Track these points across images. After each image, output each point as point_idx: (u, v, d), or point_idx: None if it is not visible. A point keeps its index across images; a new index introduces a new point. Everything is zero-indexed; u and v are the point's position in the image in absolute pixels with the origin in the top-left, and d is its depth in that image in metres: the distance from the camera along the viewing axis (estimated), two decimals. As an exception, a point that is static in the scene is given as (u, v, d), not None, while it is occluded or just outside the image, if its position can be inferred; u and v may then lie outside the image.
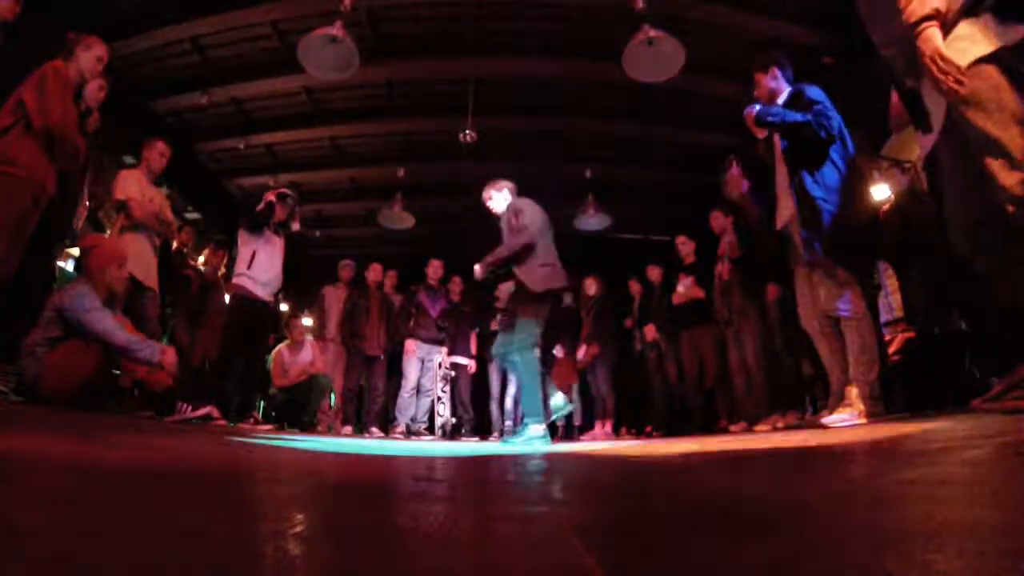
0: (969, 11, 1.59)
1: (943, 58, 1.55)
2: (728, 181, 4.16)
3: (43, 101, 2.65)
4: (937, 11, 1.58)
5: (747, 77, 3.19)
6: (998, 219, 1.55)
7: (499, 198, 3.81)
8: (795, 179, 2.81)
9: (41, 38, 3.05)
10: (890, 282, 4.28)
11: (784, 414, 3.83)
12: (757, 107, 2.93)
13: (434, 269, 6.04)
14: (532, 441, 3.17)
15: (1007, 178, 1.52)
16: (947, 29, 1.62)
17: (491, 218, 3.94)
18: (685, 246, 5.23)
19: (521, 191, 4.01)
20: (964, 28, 1.60)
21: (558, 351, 5.72)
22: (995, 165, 1.53)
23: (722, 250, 4.62)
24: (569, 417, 6.10)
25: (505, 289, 6.42)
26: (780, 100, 3.00)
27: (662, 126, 6.32)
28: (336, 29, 3.94)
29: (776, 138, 3.04)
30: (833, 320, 2.87)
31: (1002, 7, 1.56)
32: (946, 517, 0.58)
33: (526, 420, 3.30)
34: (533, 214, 3.65)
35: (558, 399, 3.44)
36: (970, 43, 1.57)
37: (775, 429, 3.66)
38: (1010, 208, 1.52)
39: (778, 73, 3.05)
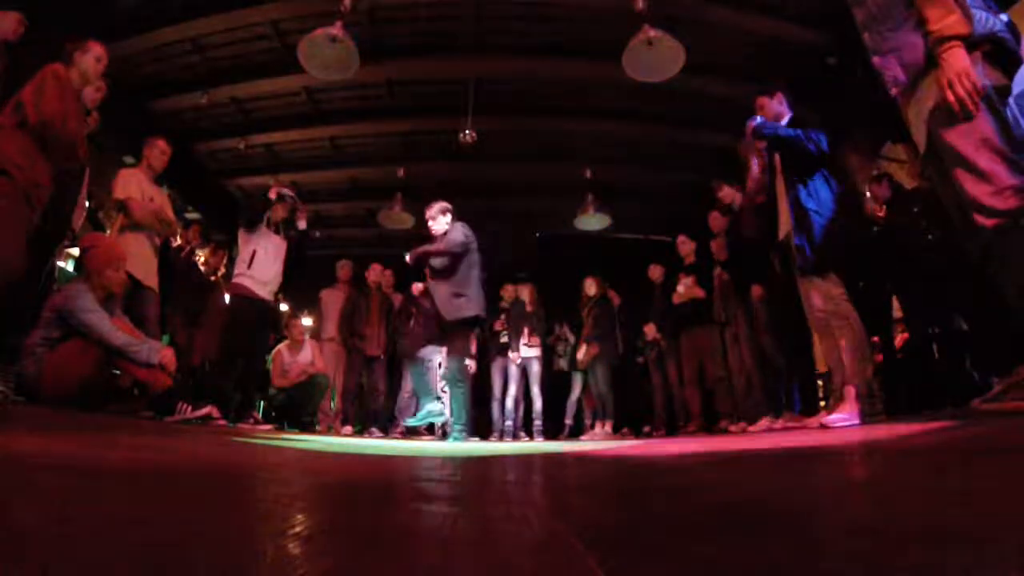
0: (968, 48, 1.73)
1: (970, 77, 1.66)
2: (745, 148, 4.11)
3: (40, 98, 2.65)
4: (969, 34, 1.69)
5: (747, 77, 3.24)
6: (972, 228, 1.72)
7: (442, 221, 4.17)
8: (790, 192, 3.01)
9: (43, 40, 3.06)
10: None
11: (778, 414, 3.84)
12: (757, 119, 3.14)
13: (434, 270, 6.04)
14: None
15: (975, 189, 1.67)
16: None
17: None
18: (685, 246, 5.23)
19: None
20: None
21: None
22: (965, 179, 1.70)
23: (714, 252, 4.66)
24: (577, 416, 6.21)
25: (511, 290, 6.44)
26: (785, 121, 3.17)
27: (662, 126, 6.32)
28: (336, 29, 3.94)
29: (778, 155, 3.20)
30: (830, 321, 2.92)
31: (993, 54, 1.77)
32: (945, 517, 0.58)
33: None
34: (468, 241, 4.06)
35: (434, 406, 3.98)
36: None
37: (771, 429, 3.66)
38: (978, 218, 1.67)
39: (783, 98, 3.24)
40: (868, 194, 3.90)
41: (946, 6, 1.69)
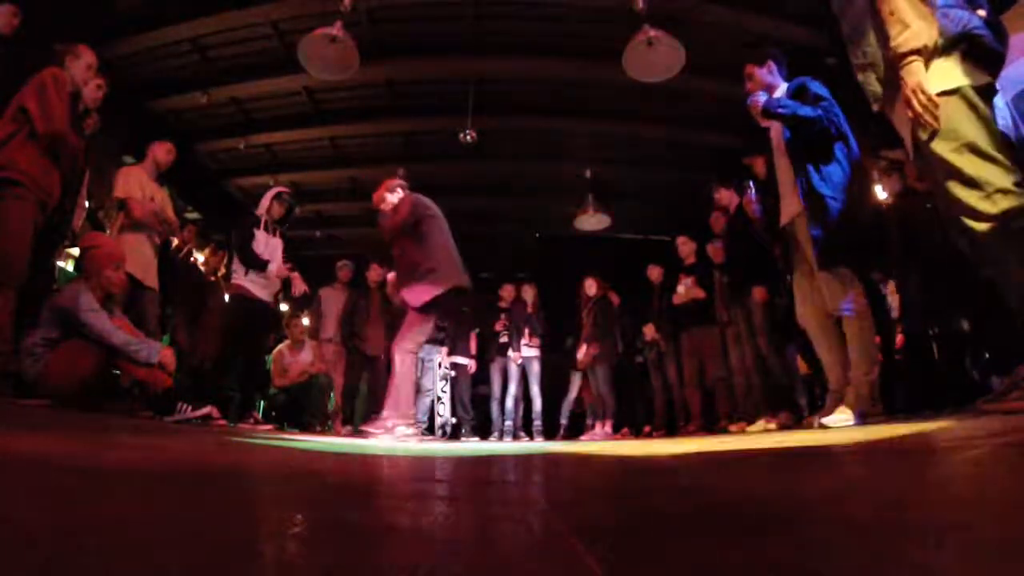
0: (943, 51, 1.76)
1: (924, 92, 1.68)
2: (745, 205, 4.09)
3: (45, 106, 2.67)
4: (925, 47, 1.70)
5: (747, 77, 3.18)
6: (965, 233, 1.71)
7: (392, 199, 3.79)
8: (801, 176, 2.78)
9: (42, 40, 3.07)
10: (891, 282, 4.29)
11: (776, 415, 3.84)
12: (763, 96, 2.90)
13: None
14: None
15: (965, 196, 1.67)
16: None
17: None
18: (686, 246, 5.23)
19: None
20: (936, 64, 1.76)
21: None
22: (953, 186, 1.69)
23: (710, 255, 4.67)
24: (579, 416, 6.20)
25: (511, 290, 6.44)
26: (778, 93, 2.96)
27: (662, 126, 6.32)
28: (336, 29, 3.94)
29: (775, 134, 3.02)
30: (834, 319, 2.86)
31: (972, 52, 1.76)
32: (946, 517, 0.58)
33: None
34: (415, 209, 3.60)
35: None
36: (938, 77, 1.73)
37: (767, 430, 3.66)
38: (971, 224, 1.66)
39: (774, 68, 3.03)
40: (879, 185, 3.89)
41: (902, 21, 1.70)
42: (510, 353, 6.15)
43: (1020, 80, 3.53)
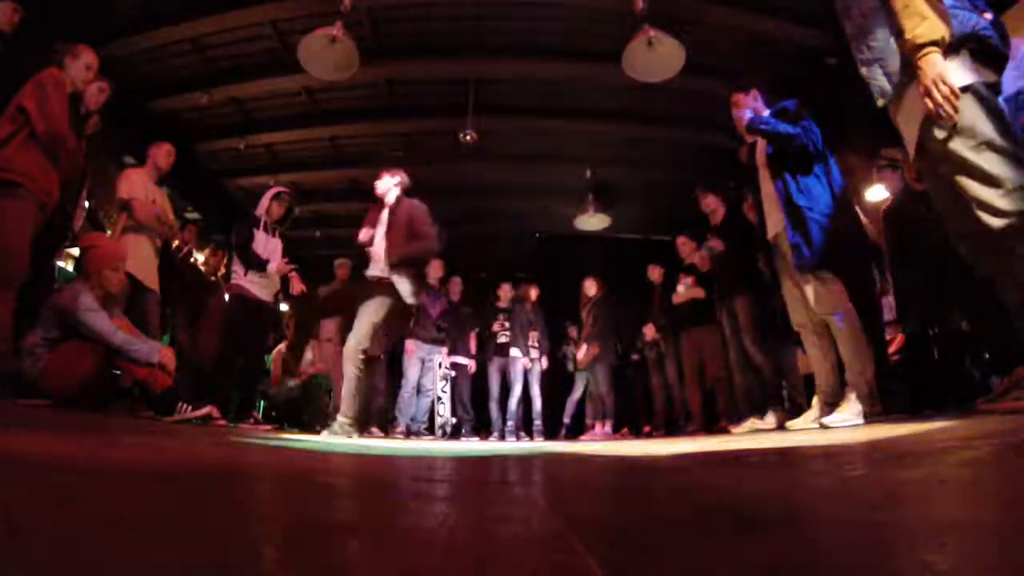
0: (951, 50, 1.74)
1: (945, 83, 1.65)
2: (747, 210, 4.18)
3: (44, 107, 2.67)
4: (943, 39, 1.68)
5: (747, 77, 3.22)
6: (977, 231, 1.68)
7: (389, 182, 3.88)
8: (779, 189, 2.97)
9: (42, 40, 3.07)
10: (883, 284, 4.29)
11: (763, 415, 3.84)
12: (749, 113, 3.10)
13: (434, 269, 6.02)
14: None
15: (983, 193, 1.65)
16: None
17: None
18: (685, 246, 5.24)
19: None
20: (947, 63, 1.73)
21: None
22: (970, 184, 1.67)
23: (697, 264, 4.72)
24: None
25: (507, 289, 6.43)
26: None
27: (662, 126, 6.31)
28: (336, 29, 3.94)
29: (759, 151, 3.15)
30: (824, 322, 2.91)
31: (979, 51, 1.76)
32: (946, 517, 0.58)
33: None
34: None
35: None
36: (949, 74, 1.70)
37: (759, 429, 3.67)
38: (987, 219, 1.64)
39: (758, 96, 3.22)
40: (878, 185, 3.93)
41: (919, 14, 1.68)
42: (512, 353, 6.14)
43: (1013, 82, 3.52)
